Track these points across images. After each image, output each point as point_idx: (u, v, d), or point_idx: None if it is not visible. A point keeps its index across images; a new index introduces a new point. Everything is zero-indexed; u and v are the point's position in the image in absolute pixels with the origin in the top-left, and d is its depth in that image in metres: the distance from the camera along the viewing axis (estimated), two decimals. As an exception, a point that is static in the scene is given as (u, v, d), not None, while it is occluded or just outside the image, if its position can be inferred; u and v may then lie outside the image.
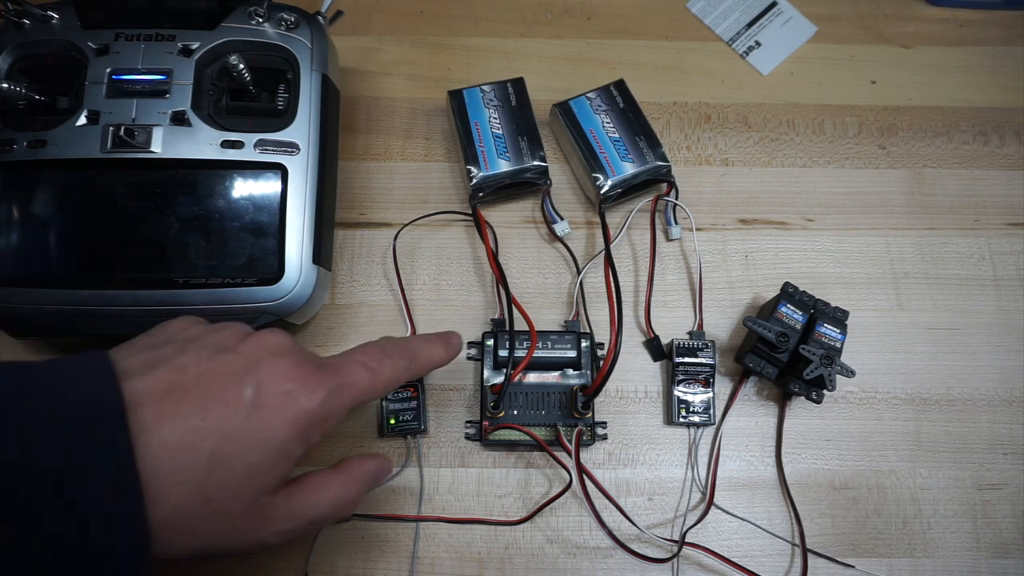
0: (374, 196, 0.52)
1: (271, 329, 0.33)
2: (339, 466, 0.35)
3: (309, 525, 0.32)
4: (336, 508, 0.33)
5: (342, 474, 0.34)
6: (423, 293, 0.50)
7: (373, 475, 0.36)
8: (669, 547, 0.44)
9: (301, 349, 0.32)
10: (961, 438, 0.47)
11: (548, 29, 0.58)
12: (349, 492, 0.34)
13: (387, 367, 0.34)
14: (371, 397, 0.33)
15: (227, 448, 0.28)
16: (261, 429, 0.29)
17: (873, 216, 0.52)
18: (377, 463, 0.36)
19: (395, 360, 0.34)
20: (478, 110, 0.51)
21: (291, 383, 0.30)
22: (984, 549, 0.45)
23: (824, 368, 0.43)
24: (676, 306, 0.50)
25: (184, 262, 0.43)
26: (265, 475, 0.29)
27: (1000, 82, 0.57)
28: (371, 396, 0.33)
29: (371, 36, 0.57)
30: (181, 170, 0.43)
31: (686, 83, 0.56)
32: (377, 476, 0.36)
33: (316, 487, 0.33)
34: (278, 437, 0.29)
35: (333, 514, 0.33)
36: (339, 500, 0.33)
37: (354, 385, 0.32)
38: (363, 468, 0.35)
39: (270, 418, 0.29)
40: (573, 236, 0.51)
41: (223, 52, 0.45)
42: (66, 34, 0.45)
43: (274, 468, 0.29)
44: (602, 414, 0.47)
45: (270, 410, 0.29)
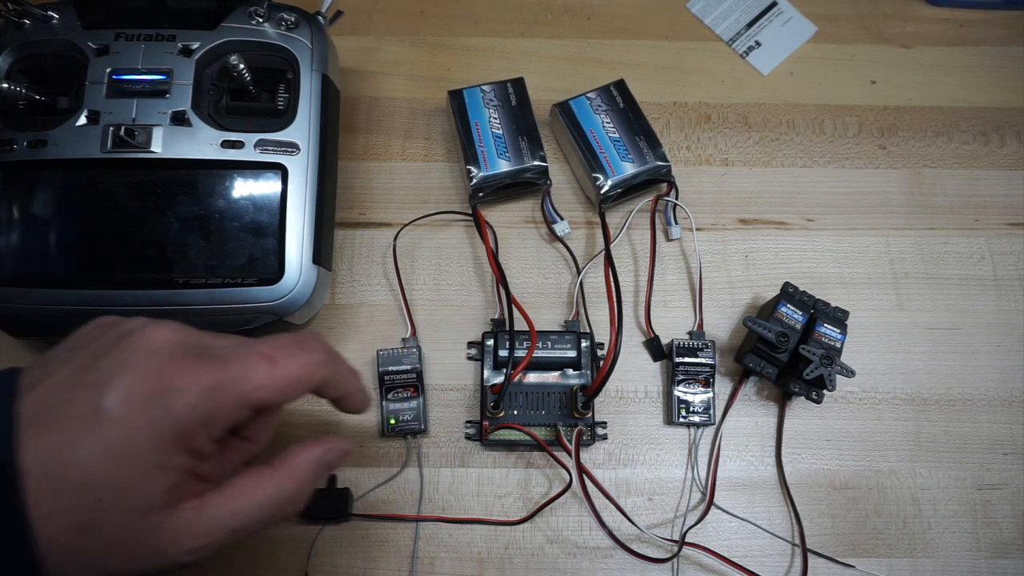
0: (374, 196, 0.52)
1: (160, 322, 0.28)
2: (275, 459, 0.30)
3: (234, 535, 0.28)
4: (270, 511, 0.29)
5: (276, 470, 0.30)
6: (423, 293, 0.50)
7: (319, 463, 0.31)
8: (669, 547, 0.44)
9: (186, 341, 0.28)
10: (961, 438, 0.47)
11: (548, 29, 0.58)
12: (285, 490, 0.30)
13: (293, 361, 0.28)
14: (273, 396, 0.28)
15: (91, 470, 0.25)
16: (122, 443, 0.25)
17: (873, 216, 0.52)
18: (323, 449, 0.31)
19: (309, 354, 0.29)
20: (478, 110, 0.51)
21: (156, 385, 0.26)
22: (984, 549, 0.45)
23: (824, 368, 0.43)
24: (676, 306, 0.50)
25: (184, 262, 0.43)
26: (139, 494, 0.26)
27: (1000, 82, 0.57)
28: (273, 394, 0.28)
29: (371, 36, 0.57)
30: (181, 170, 0.43)
31: (686, 83, 0.56)
32: (329, 462, 0.32)
33: (239, 492, 0.29)
34: (142, 451, 0.25)
35: (267, 518, 0.29)
36: (272, 501, 0.29)
37: (245, 379, 0.27)
38: (303, 459, 0.31)
39: (131, 430, 0.25)
40: (573, 236, 0.51)
41: (223, 52, 0.45)
42: (66, 34, 0.45)
43: (148, 485, 0.26)
44: (602, 414, 0.47)
45: (132, 420, 0.25)
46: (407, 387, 0.46)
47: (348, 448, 0.33)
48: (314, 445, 0.31)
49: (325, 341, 0.32)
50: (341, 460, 0.32)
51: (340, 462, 0.32)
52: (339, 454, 0.32)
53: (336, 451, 0.32)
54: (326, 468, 0.32)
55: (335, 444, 0.32)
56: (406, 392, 0.46)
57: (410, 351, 0.46)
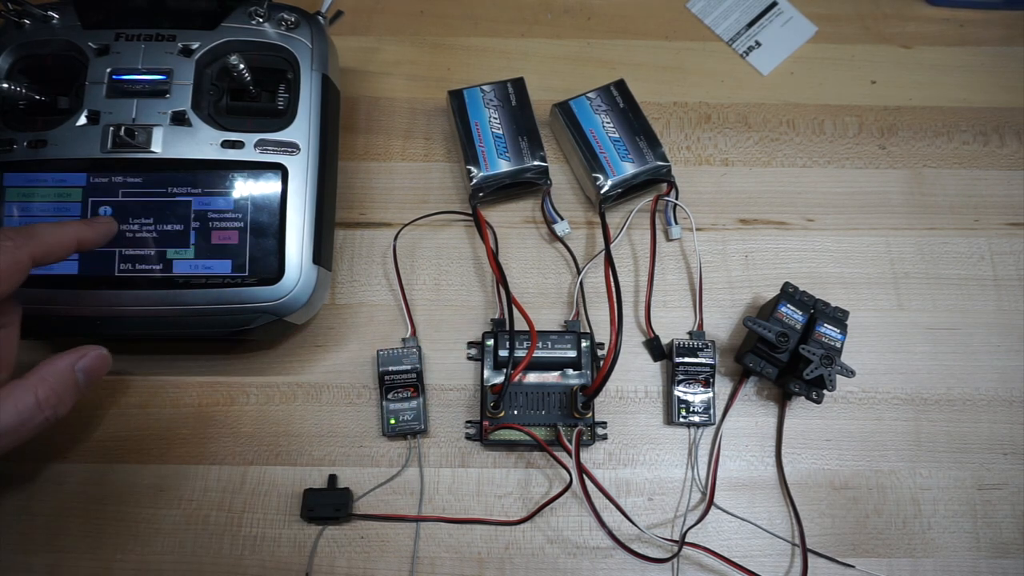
0: (374, 196, 0.52)
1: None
2: (28, 372, 0.33)
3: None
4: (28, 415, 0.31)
5: (27, 380, 0.32)
6: (423, 293, 0.50)
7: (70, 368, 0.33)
8: (669, 547, 0.44)
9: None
10: (961, 438, 0.47)
11: (548, 29, 0.58)
12: (39, 395, 0.32)
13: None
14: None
15: None
16: None
17: (873, 216, 0.52)
18: (75, 356, 0.33)
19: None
20: (478, 110, 0.51)
21: None
22: (984, 549, 0.45)
23: (824, 368, 0.43)
24: (676, 306, 0.50)
25: (184, 262, 0.43)
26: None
27: (1000, 82, 0.57)
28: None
29: (371, 36, 0.57)
30: (181, 170, 0.43)
31: (686, 83, 0.56)
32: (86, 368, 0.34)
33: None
34: None
35: (26, 423, 0.31)
36: (28, 407, 0.31)
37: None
38: (52, 366, 0.33)
39: None
40: (573, 236, 0.51)
41: (223, 52, 0.45)
42: (66, 34, 0.45)
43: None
44: (602, 414, 0.47)
45: None
46: (407, 387, 0.46)
47: (103, 354, 0.35)
48: (66, 354, 0.34)
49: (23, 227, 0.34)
50: (98, 366, 0.35)
51: (98, 369, 0.35)
52: (94, 360, 0.35)
53: (91, 357, 0.34)
54: (85, 376, 0.34)
55: (88, 350, 0.34)
56: (406, 392, 0.46)
57: (410, 351, 0.46)
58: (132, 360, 0.48)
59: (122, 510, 0.45)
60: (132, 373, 0.47)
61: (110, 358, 0.37)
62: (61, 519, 0.44)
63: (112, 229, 0.39)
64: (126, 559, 0.44)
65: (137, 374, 0.47)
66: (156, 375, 0.47)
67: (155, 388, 0.47)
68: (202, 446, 0.46)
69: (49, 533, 0.44)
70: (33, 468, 0.45)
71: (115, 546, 0.44)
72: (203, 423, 0.47)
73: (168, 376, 0.47)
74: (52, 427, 0.33)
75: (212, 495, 0.45)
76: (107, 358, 0.36)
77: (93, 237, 0.37)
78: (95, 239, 0.38)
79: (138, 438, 0.46)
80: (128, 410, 0.47)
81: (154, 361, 0.48)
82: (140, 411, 0.47)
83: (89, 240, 0.37)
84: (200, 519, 0.45)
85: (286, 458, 0.46)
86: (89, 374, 0.35)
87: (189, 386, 0.47)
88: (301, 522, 0.44)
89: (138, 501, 0.45)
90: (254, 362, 0.48)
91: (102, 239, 0.38)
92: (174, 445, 0.46)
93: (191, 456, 0.46)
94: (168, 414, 0.47)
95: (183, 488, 0.45)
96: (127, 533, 0.44)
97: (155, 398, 0.47)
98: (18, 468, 0.45)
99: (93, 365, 0.35)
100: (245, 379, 0.48)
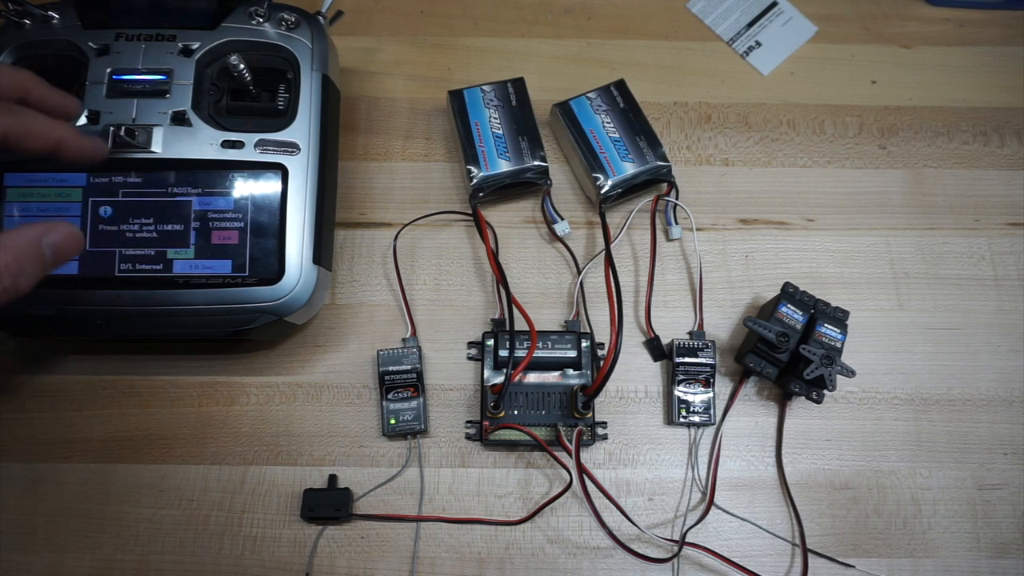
0: (374, 196, 0.52)
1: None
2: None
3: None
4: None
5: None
6: (423, 293, 0.50)
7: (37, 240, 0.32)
8: (669, 547, 0.44)
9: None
10: (961, 438, 0.47)
11: (548, 29, 0.58)
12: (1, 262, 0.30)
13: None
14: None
15: None
16: None
17: (873, 216, 0.52)
18: (44, 228, 0.32)
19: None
20: (478, 110, 0.51)
21: None
22: (984, 549, 0.45)
23: (824, 368, 0.43)
24: (676, 306, 0.50)
25: (184, 262, 0.43)
26: None
27: (1000, 82, 0.57)
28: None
29: (371, 36, 0.57)
30: (181, 170, 0.43)
31: (686, 83, 0.56)
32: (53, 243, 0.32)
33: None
34: None
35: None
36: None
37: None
38: (15, 236, 0.31)
39: None
40: (573, 236, 0.51)
41: (223, 52, 0.45)
42: (66, 34, 0.45)
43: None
44: (602, 414, 0.47)
45: None
46: (407, 387, 0.46)
47: (74, 231, 0.33)
48: (33, 224, 0.32)
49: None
50: (67, 243, 0.33)
51: (67, 246, 0.33)
52: (64, 235, 0.32)
53: (60, 232, 0.32)
54: (53, 252, 0.32)
55: (58, 224, 0.32)
56: (406, 392, 0.46)
57: (410, 351, 0.46)
58: (132, 360, 0.48)
59: (122, 510, 0.45)
60: (132, 373, 0.47)
61: (82, 239, 0.34)
62: (61, 519, 0.44)
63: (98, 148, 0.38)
64: (126, 559, 0.44)
65: (137, 374, 0.47)
66: (156, 375, 0.47)
67: (155, 388, 0.47)
68: (202, 446, 0.46)
69: (49, 533, 0.44)
70: (33, 468, 0.45)
71: (115, 546, 0.44)
72: (203, 423, 0.47)
73: (168, 376, 0.47)
74: (10, 302, 0.31)
75: (212, 495, 0.45)
76: (78, 236, 0.34)
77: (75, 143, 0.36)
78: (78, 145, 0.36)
79: (138, 438, 0.46)
80: (128, 410, 0.47)
81: (154, 361, 0.48)
82: (140, 411, 0.47)
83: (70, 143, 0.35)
84: (200, 519, 0.45)
85: (286, 458, 0.46)
86: (57, 251, 0.32)
87: (189, 386, 0.47)
88: (301, 522, 0.44)
89: (138, 501, 0.45)
90: (254, 362, 0.48)
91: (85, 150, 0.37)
92: (174, 445, 0.46)
93: (191, 456, 0.46)
94: (168, 414, 0.47)
95: (183, 488, 0.45)
96: (127, 533, 0.44)
97: (155, 398, 0.47)
98: (18, 468, 0.45)
99: (61, 241, 0.32)
100: (245, 379, 0.48)
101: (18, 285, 0.31)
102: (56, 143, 0.34)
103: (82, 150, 0.36)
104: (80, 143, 0.36)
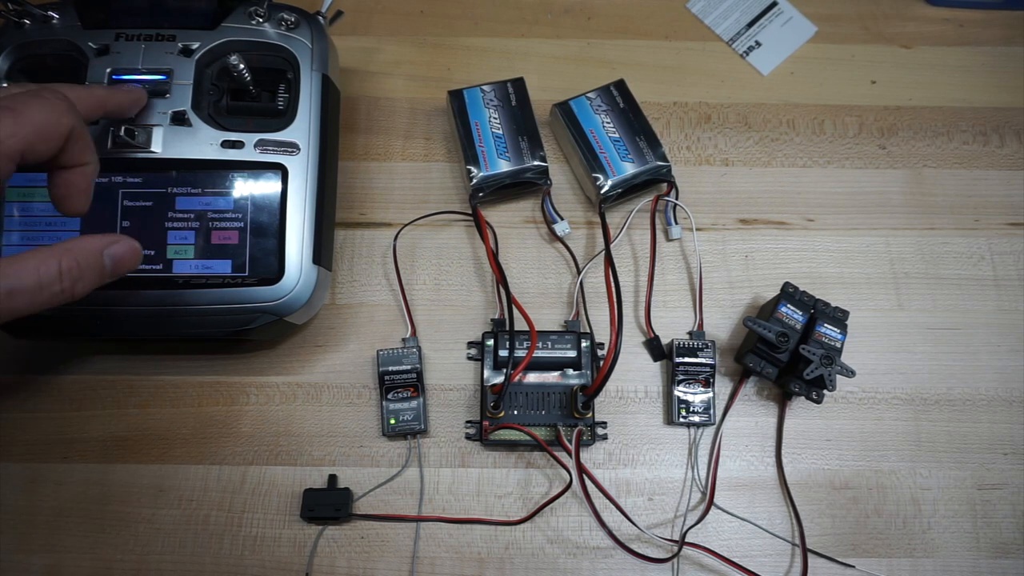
0: (374, 196, 0.52)
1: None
2: (59, 242, 0.32)
3: (9, 300, 0.30)
4: (48, 281, 0.31)
5: (52, 248, 0.32)
6: (423, 293, 0.50)
7: (100, 252, 0.33)
8: (669, 547, 0.44)
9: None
10: (961, 438, 0.47)
11: (548, 29, 0.58)
12: (63, 265, 0.31)
13: (35, 108, 0.31)
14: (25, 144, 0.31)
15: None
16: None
17: (873, 216, 0.52)
18: (108, 239, 0.33)
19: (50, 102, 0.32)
20: (478, 110, 0.51)
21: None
22: (984, 549, 0.45)
23: (824, 368, 0.43)
24: (676, 306, 0.50)
25: (184, 262, 0.43)
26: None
27: (1000, 82, 0.57)
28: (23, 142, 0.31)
29: (371, 36, 0.57)
30: (181, 170, 0.43)
31: (686, 83, 0.56)
32: (115, 256, 0.34)
33: (15, 259, 0.30)
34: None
35: (44, 288, 0.31)
36: (50, 273, 0.31)
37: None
38: (81, 242, 0.32)
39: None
40: (573, 236, 0.51)
41: (223, 52, 0.45)
42: (66, 34, 0.45)
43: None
44: (602, 414, 0.47)
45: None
46: (407, 387, 0.46)
47: (136, 246, 0.34)
48: (98, 236, 0.33)
49: (65, 92, 0.34)
50: (128, 256, 0.34)
51: (127, 259, 0.34)
52: (125, 248, 0.34)
53: (122, 244, 0.34)
54: (113, 262, 0.34)
55: (123, 238, 0.34)
56: (406, 392, 0.46)
57: (410, 351, 0.46)
58: (132, 360, 0.48)
59: (122, 510, 0.45)
60: (132, 373, 0.47)
61: (141, 254, 0.36)
62: (61, 519, 0.44)
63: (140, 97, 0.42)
64: (126, 559, 0.44)
65: (137, 374, 0.47)
66: (156, 375, 0.48)
67: (155, 388, 0.47)
68: (202, 446, 0.46)
69: (49, 533, 0.44)
70: (33, 468, 0.45)
71: (115, 546, 0.44)
72: (203, 423, 0.47)
73: (168, 376, 0.48)
74: (65, 302, 0.32)
75: (212, 495, 0.45)
76: (138, 251, 0.35)
77: (119, 101, 0.40)
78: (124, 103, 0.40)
79: (138, 438, 0.46)
80: (128, 410, 0.47)
81: (154, 361, 0.48)
82: (140, 411, 0.47)
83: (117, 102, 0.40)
84: (200, 519, 0.45)
85: (286, 458, 0.46)
86: (117, 261, 0.34)
87: (189, 386, 0.47)
88: (301, 522, 0.44)
89: (138, 501, 0.45)
90: (254, 362, 0.48)
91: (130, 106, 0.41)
92: (174, 445, 0.46)
93: (191, 456, 0.46)
94: (168, 414, 0.47)
95: (183, 488, 0.45)
96: (127, 533, 0.44)
97: (155, 398, 0.47)
98: (18, 468, 0.45)
99: (123, 253, 0.34)
100: (245, 379, 0.48)
101: (75, 289, 0.32)
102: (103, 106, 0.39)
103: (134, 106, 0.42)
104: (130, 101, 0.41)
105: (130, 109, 0.42)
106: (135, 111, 0.43)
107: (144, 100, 0.43)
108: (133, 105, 0.42)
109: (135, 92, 0.42)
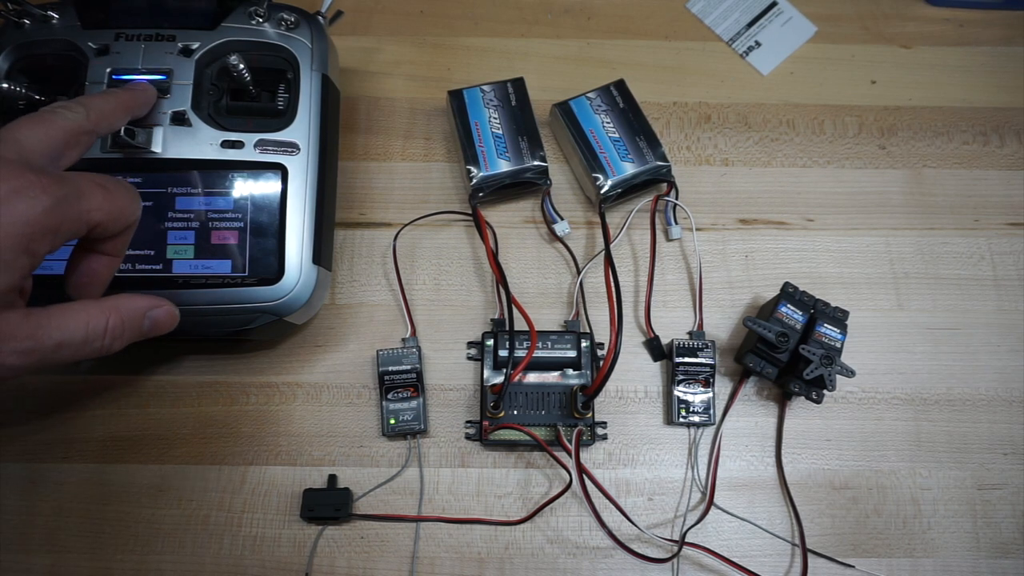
0: (374, 196, 0.52)
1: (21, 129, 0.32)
2: (104, 298, 0.33)
3: (56, 351, 0.30)
4: (93, 335, 0.32)
5: (103, 303, 0.33)
6: (423, 293, 0.50)
7: (144, 312, 0.34)
8: (669, 547, 0.44)
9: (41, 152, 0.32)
10: (961, 438, 0.47)
11: (548, 29, 0.58)
12: (109, 322, 0.32)
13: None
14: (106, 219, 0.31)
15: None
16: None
17: (873, 216, 0.52)
18: (151, 302, 0.35)
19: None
20: (478, 110, 0.51)
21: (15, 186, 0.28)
22: (984, 549, 0.45)
23: (824, 368, 0.43)
24: (676, 306, 0.50)
25: (183, 262, 0.43)
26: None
27: (1000, 82, 0.57)
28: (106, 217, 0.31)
29: (371, 36, 0.57)
30: (181, 170, 0.43)
31: (686, 83, 0.56)
32: (155, 319, 0.35)
33: (66, 311, 0.31)
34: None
35: (87, 342, 0.31)
36: (96, 328, 0.32)
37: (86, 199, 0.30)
38: (130, 301, 0.34)
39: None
40: (573, 236, 0.51)
41: (223, 52, 0.45)
42: (66, 34, 0.45)
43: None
44: (602, 414, 0.47)
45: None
46: (407, 387, 0.46)
47: (174, 312, 0.36)
48: (144, 296, 0.35)
49: (96, 102, 0.37)
50: (166, 322, 0.36)
51: (165, 324, 0.36)
52: (165, 314, 0.36)
53: (164, 311, 0.36)
54: (151, 323, 0.35)
55: (164, 303, 0.36)
56: (406, 392, 0.46)
57: (410, 351, 0.46)
58: (132, 360, 0.48)
59: (122, 510, 0.45)
60: (132, 373, 0.47)
61: (178, 319, 0.37)
62: (61, 519, 0.44)
63: (153, 95, 0.43)
64: (126, 559, 0.44)
65: (137, 374, 0.47)
66: (156, 375, 0.48)
67: (155, 388, 0.47)
68: (202, 446, 0.46)
69: (49, 533, 0.44)
70: (33, 468, 0.45)
71: (115, 546, 0.44)
72: (203, 423, 0.47)
73: (168, 376, 0.48)
74: (99, 357, 0.33)
75: (212, 495, 0.45)
76: (176, 316, 0.37)
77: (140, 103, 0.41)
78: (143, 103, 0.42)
79: (138, 438, 0.46)
80: (128, 410, 0.47)
81: (154, 361, 0.48)
82: (140, 411, 0.47)
83: (139, 105, 0.41)
84: (200, 519, 0.45)
85: (286, 458, 0.46)
86: (155, 324, 0.35)
87: (189, 386, 0.47)
88: (301, 522, 0.44)
89: (138, 501, 0.45)
90: (254, 362, 0.48)
91: (145, 106, 0.42)
92: (174, 445, 0.46)
93: (191, 456, 0.46)
94: (168, 414, 0.47)
95: (183, 488, 0.45)
96: (127, 533, 0.44)
97: (155, 398, 0.47)
98: (18, 468, 0.45)
99: (162, 318, 0.36)
100: (245, 379, 0.48)
101: (112, 346, 0.33)
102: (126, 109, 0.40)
103: (148, 105, 0.42)
104: (146, 100, 0.42)
105: (146, 109, 0.43)
106: (148, 110, 0.43)
107: (155, 97, 0.43)
108: (148, 105, 0.43)
109: (149, 91, 0.43)
